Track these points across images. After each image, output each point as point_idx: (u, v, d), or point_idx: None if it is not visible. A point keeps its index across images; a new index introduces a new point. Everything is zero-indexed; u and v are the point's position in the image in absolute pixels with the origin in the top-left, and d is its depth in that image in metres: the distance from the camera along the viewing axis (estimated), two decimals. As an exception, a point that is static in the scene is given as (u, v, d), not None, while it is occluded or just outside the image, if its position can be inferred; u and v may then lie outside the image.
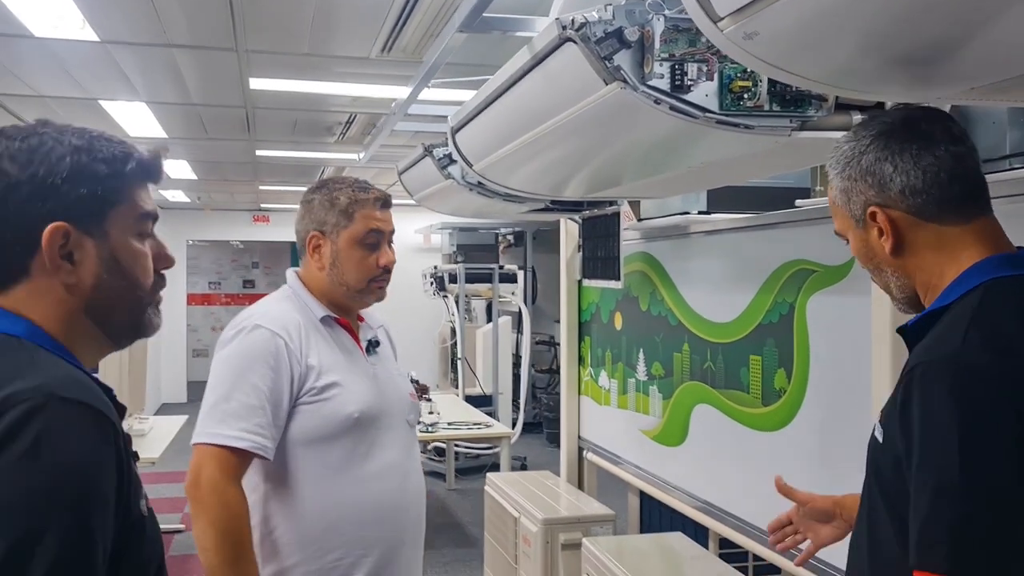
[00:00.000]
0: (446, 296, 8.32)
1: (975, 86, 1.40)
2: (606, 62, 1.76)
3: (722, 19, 1.36)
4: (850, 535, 1.44)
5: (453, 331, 9.07)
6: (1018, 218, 1.54)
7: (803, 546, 1.70)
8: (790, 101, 1.83)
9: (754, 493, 2.89)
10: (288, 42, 4.00)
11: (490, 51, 3.51)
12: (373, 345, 2.16)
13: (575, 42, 1.79)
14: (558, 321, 10.18)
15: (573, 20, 1.79)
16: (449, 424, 5.77)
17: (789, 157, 2.13)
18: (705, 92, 1.81)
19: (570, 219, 4.36)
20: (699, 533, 3.66)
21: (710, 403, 3.16)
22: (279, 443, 1.95)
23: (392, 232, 2.15)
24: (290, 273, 2.15)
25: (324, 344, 2.03)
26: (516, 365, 9.15)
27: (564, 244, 4.49)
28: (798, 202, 2.81)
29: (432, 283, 8.30)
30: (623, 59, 1.76)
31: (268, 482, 1.98)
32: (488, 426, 5.82)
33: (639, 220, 3.88)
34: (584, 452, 4.39)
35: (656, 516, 4.13)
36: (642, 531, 4.21)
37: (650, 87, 1.77)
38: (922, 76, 1.39)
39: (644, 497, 4.17)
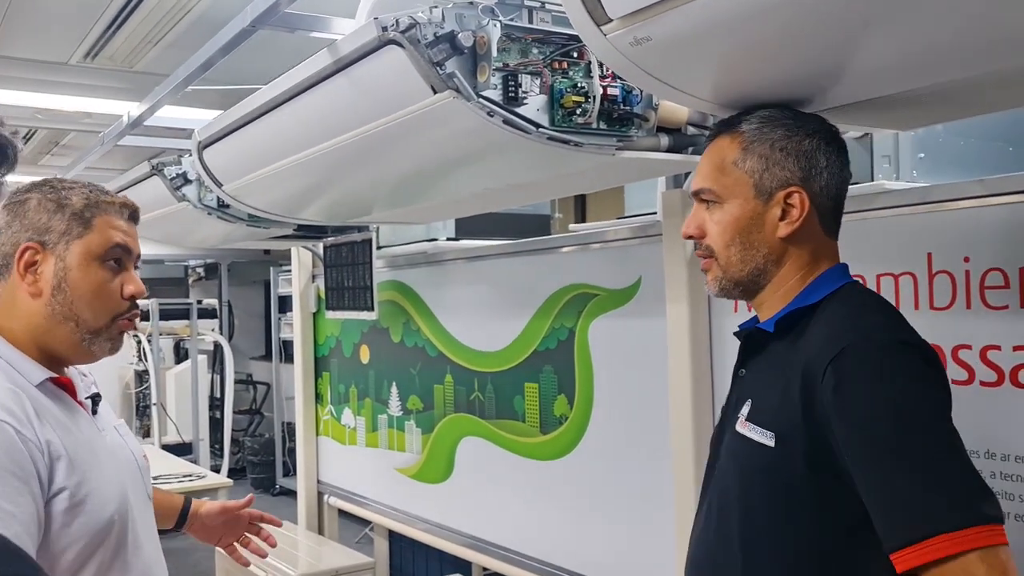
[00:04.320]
0: (137, 335, 7.52)
1: (830, 107, 1.44)
2: (437, 68, 1.61)
3: (610, 22, 1.27)
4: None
5: (137, 374, 8.22)
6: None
7: None
8: (616, 120, 1.79)
9: (532, 523, 2.83)
10: (-36, 39, 3.37)
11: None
12: (96, 401, 1.56)
13: (401, 45, 1.62)
14: (256, 358, 9.69)
15: (397, 21, 1.62)
16: (155, 479, 5.14)
17: (599, 176, 2.10)
18: (536, 106, 1.71)
19: (304, 247, 4.09)
20: (460, 569, 3.55)
21: (479, 435, 3.06)
22: None
23: (139, 257, 1.57)
24: None
25: (55, 422, 1.40)
26: (213, 407, 8.49)
27: (297, 274, 4.20)
28: (571, 227, 2.81)
29: (119, 322, 7.44)
30: (455, 66, 1.62)
31: None
32: (201, 476, 5.27)
33: (377, 248, 3.72)
34: (325, 497, 4.10)
35: (408, 557, 3.95)
36: (392, 575, 4.00)
37: (484, 98, 1.64)
38: (784, 98, 1.39)
39: (393, 538, 3.98)
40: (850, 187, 1.95)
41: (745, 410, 1.29)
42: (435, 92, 1.63)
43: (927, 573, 1.06)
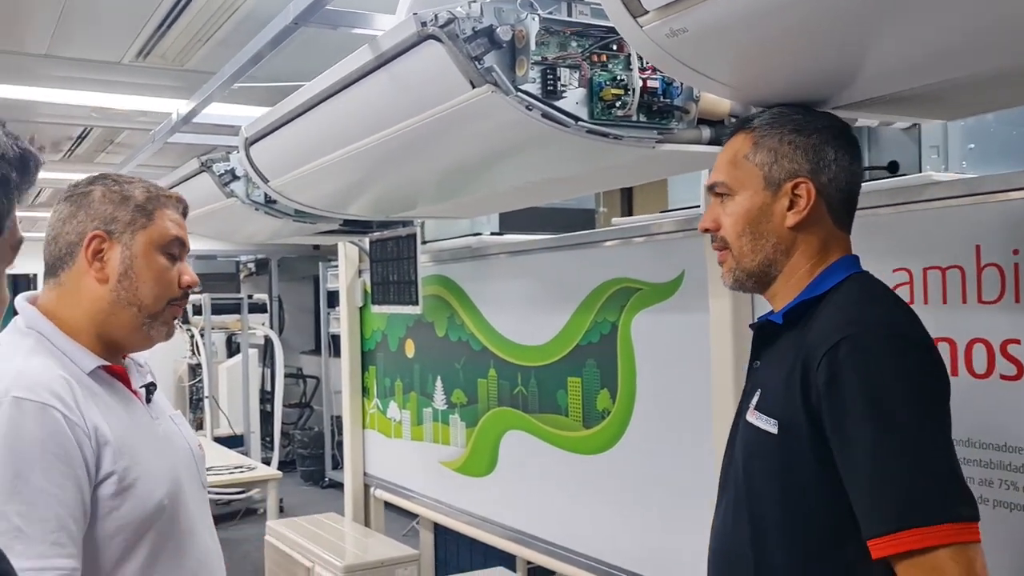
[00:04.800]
0: (190, 329, 7.67)
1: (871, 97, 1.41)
2: (476, 62, 1.61)
3: (646, 14, 1.27)
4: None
5: (191, 368, 8.38)
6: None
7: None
8: (656, 112, 1.78)
9: (576, 517, 2.83)
10: (24, 41, 3.47)
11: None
12: (151, 391, 1.62)
13: (439, 40, 1.63)
14: (306, 352, 9.83)
15: (436, 16, 1.63)
16: (207, 470, 5.25)
17: (640, 170, 2.09)
18: (575, 100, 1.71)
19: (351, 242, 4.13)
20: (504, 562, 3.56)
21: (523, 429, 3.07)
22: None
23: (188, 250, 1.64)
24: (26, 306, 1.52)
25: (105, 408, 1.46)
26: (264, 401, 8.63)
27: (343, 269, 4.25)
28: (615, 220, 2.80)
29: (173, 316, 7.61)
30: (493, 60, 1.62)
31: None
32: (251, 468, 5.37)
33: (422, 243, 3.74)
34: (371, 489, 4.15)
35: (453, 550, 3.98)
36: (437, 567, 4.03)
37: (523, 91, 1.64)
38: (821, 87, 1.38)
39: (438, 531, 4.01)
40: (897, 178, 1.93)
41: (755, 400, 1.34)
42: (474, 87, 1.64)
43: (899, 563, 1.12)
